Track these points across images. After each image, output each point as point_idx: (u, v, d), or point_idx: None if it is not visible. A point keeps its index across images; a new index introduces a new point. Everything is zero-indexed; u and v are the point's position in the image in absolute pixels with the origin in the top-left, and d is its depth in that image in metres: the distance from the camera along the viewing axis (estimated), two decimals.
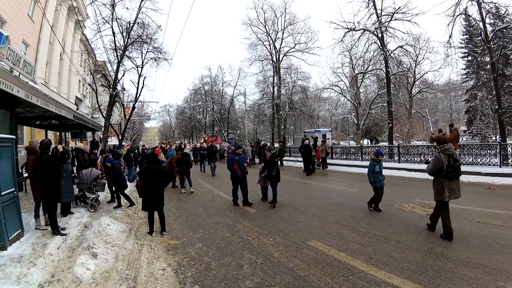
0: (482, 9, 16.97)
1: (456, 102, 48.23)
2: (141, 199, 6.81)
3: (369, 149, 20.17)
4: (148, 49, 18.09)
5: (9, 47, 7.57)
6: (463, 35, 29.04)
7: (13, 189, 5.37)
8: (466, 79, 36.63)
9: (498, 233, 5.62)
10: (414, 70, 30.20)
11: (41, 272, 4.18)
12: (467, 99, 36.96)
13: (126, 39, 16.41)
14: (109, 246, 4.94)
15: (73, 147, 11.31)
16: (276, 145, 28.24)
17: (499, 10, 21.70)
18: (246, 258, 4.88)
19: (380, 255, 4.83)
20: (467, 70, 35.96)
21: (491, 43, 18.53)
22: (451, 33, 17.96)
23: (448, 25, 17.82)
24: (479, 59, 25.59)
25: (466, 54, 34.58)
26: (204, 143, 31.02)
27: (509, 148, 12.92)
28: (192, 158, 21.16)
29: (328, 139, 24.06)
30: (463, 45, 32.99)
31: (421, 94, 36.53)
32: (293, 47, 36.52)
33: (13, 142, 5.62)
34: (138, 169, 14.30)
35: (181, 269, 4.56)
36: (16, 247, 5.09)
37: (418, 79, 33.39)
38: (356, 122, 31.99)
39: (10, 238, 5.10)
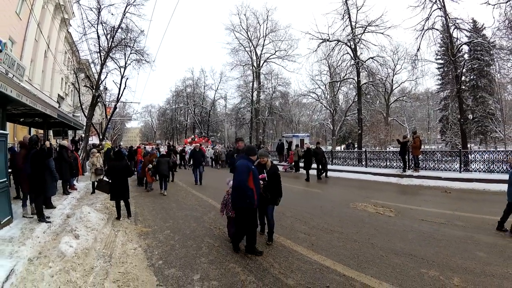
0: (449, 23, 18.10)
1: (434, 111, 49.85)
2: None
3: (345, 154, 21.04)
4: (131, 51, 18.74)
5: (6, 52, 8.22)
6: (440, 46, 30.41)
7: (5, 179, 6.05)
8: (441, 89, 37.85)
9: (437, 230, 6.11)
10: (392, 79, 31.33)
11: (30, 250, 4.91)
12: (441, 108, 38.48)
13: (110, 42, 16.98)
14: (89, 230, 5.72)
15: (58, 144, 11.86)
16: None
17: (476, 24, 22.94)
18: (206, 242, 5.69)
19: (321, 243, 5.49)
20: (442, 80, 37.49)
21: (462, 56, 19.76)
22: (419, 47, 19.08)
23: (417, 39, 18.90)
24: (449, 70, 27.00)
25: (442, 66, 36.12)
26: (191, 144, 30.24)
27: (471, 155, 13.85)
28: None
29: (306, 143, 24.90)
30: (439, 57, 34.27)
31: (399, 102, 37.74)
32: (274, 54, 37.14)
33: (6, 137, 6.32)
34: None
35: (150, 249, 5.36)
36: (7, 231, 5.77)
37: (396, 88, 34.61)
38: (332, 128, 32.96)
39: (1, 223, 5.78)
